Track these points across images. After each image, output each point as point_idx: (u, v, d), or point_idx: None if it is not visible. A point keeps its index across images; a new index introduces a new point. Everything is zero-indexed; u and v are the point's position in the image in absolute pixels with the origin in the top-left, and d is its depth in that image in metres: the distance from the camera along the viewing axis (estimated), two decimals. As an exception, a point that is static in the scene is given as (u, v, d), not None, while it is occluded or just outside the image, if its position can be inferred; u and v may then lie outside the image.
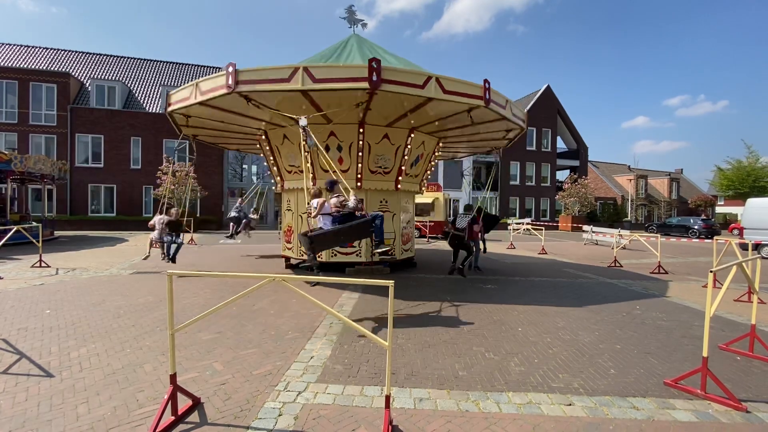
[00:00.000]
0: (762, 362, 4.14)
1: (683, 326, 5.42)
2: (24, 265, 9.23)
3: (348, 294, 6.89)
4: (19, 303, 5.88)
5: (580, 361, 4.06)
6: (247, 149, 13.07)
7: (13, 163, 13.23)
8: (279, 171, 9.64)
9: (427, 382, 3.50)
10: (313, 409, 3.00)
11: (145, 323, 5.00)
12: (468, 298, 6.74)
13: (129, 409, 2.95)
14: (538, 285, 8.19)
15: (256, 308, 5.76)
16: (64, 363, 3.76)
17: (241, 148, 12.92)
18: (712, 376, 3.26)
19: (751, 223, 14.69)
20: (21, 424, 2.72)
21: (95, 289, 6.88)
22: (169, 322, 2.73)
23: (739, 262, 3.60)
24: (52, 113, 22.65)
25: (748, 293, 6.94)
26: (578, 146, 36.99)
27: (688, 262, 12.64)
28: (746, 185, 30.04)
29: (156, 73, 28.08)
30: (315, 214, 6.07)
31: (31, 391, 3.20)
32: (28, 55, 25.96)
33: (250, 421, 2.81)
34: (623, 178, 42.84)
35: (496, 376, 3.66)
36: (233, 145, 12.44)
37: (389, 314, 2.65)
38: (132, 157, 23.92)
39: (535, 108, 33.86)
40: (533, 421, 2.91)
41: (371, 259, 8.95)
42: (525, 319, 5.58)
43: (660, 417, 3.01)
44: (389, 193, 9.34)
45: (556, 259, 12.85)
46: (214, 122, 8.49)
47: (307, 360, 3.93)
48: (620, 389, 3.45)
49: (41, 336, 4.48)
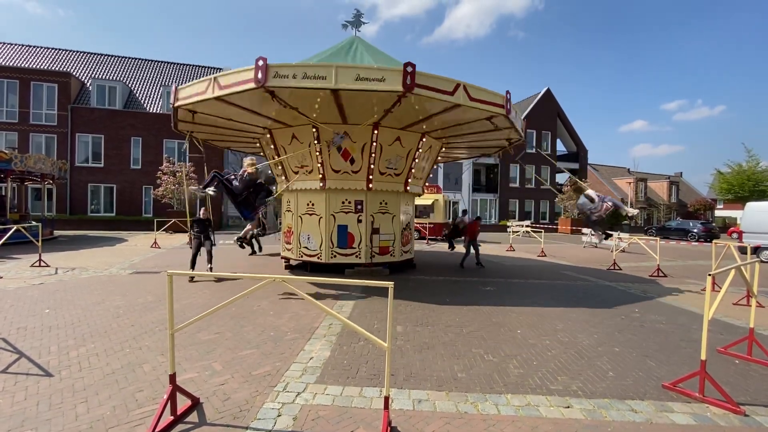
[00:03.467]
0: (760, 366, 4.15)
1: (682, 329, 5.42)
2: (23, 264, 9.23)
3: (348, 295, 6.89)
4: (18, 302, 5.88)
5: (579, 364, 4.07)
6: (244, 149, 13.00)
7: (13, 162, 13.24)
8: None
9: (426, 384, 3.50)
10: (312, 410, 3.00)
11: (145, 323, 5.00)
12: (467, 300, 6.75)
13: (128, 408, 2.95)
14: (537, 287, 8.20)
15: (255, 309, 5.77)
16: (64, 362, 3.76)
17: (238, 147, 12.82)
18: (710, 380, 3.27)
19: (751, 226, 14.71)
20: (20, 423, 2.73)
21: (95, 289, 6.88)
22: (170, 322, 2.74)
23: (738, 266, 3.61)
24: (52, 113, 22.67)
25: (746, 297, 6.94)
26: (578, 149, 37.03)
27: (687, 266, 12.66)
28: (746, 189, 30.03)
29: (157, 73, 28.10)
30: None
31: (30, 390, 3.20)
32: (29, 55, 25.99)
33: (249, 422, 2.81)
34: (623, 181, 42.87)
35: (494, 378, 3.66)
36: (231, 143, 12.33)
37: (389, 315, 2.66)
38: (132, 157, 23.92)
39: (535, 111, 33.92)
40: (532, 423, 2.92)
41: (371, 260, 8.97)
42: (524, 321, 5.59)
43: (658, 420, 3.01)
44: (393, 195, 9.37)
45: (555, 261, 12.86)
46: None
47: (306, 361, 3.93)
48: (619, 392, 3.45)
49: (40, 335, 4.48)
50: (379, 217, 9.13)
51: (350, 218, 8.91)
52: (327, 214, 8.86)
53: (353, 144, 8.45)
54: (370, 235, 8.99)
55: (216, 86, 6.52)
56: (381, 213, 9.15)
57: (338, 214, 8.88)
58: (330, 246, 8.88)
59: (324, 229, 8.88)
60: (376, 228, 9.08)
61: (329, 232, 8.86)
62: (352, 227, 8.91)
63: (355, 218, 8.92)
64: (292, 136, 8.72)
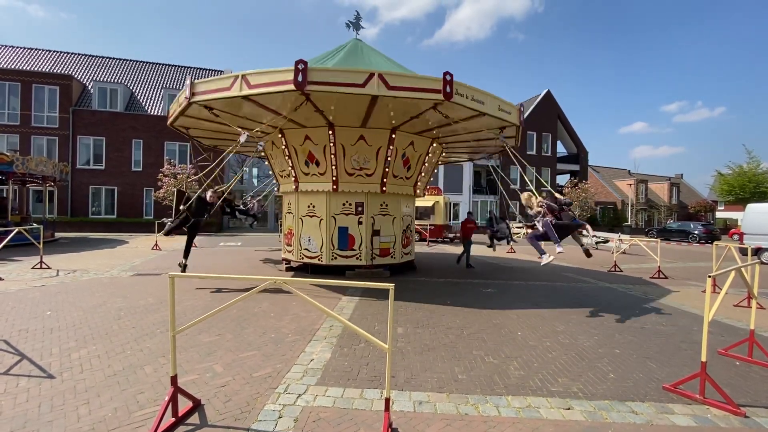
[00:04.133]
0: (761, 367, 4.15)
1: (682, 331, 5.42)
2: (25, 266, 9.25)
3: (348, 297, 6.90)
4: (20, 304, 5.89)
5: (580, 366, 4.07)
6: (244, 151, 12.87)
7: (14, 164, 13.28)
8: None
9: (426, 386, 3.51)
10: (313, 412, 3.01)
11: (146, 325, 5.01)
12: (468, 302, 6.75)
13: (130, 410, 2.96)
14: (537, 289, 8.20)
15: (256, 311, 5.78)
16: (65, 364, 3.77)
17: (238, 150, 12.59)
18: (711, 381, 3.27)
19: (751, 228, 14.70)
20: (22, 425, 2.73)
21: (96, 291, 6.89)
22: (171, 324, 2.75)
23: (738, 267, 3.62)
24: (54, 115, 22.76)
25: (747, 298, 6.94)
26: (578, 150, 37.06)
27: (688, 267, 12.65)
28: (747, 191, 30.01)
29: (158, 75, 28.21)
30: None
31: (32, 392, 3.21)
32: (30, 58, 26.11)
33: (250, 423, 2.82)
34: (623, 182, 42.89)
35: (495, 380, 3.66)
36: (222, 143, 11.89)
37: (389, 317, 2.67)
38: (133, 159, 23.99)
39: (536, 112, 33.96)
40: (532, 425, 2.92)
41: (371, 262, 8.97)
42: (524, 323, 5.59)
43: (659, 422, 3.01)
44: (395, 197, 9.40)
45: (555, 263, 12.82)
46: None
47: (307, 363, 3.94)
48: (619, 394, 3.46)
49: (42, 337, 4.50)
50: (380, 219, 9.14)
51: (351, 220, 8.92)
52: (328, 216, 8.88)
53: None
54: (371, 236, 9.00)
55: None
56: (381, 215, 9.17)
57: (339, 215, 8.90)
58: (331, 248, 8.90)
59: (325, 230, 8.90)
60: (377, 230, 9.09)
61: (330, 234, 8.88)
62: (352, 229, 8.93)
63: (355, 220, 8.94)
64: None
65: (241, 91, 6.47)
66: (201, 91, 7.12)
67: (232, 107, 7.52)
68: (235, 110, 7.73)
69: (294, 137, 8.91)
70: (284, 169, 9.63)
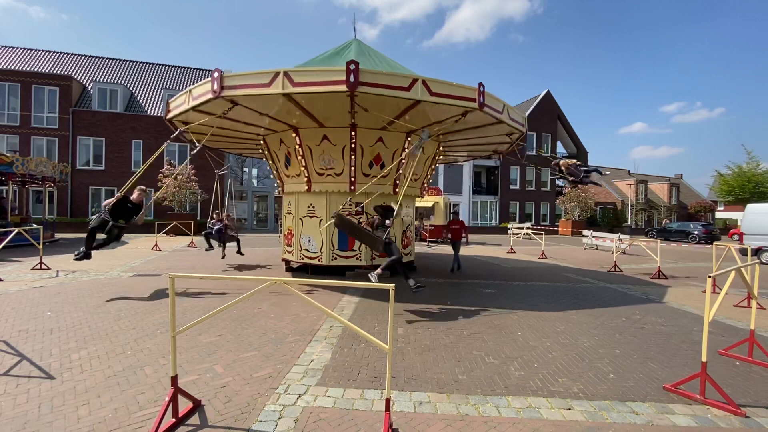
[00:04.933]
0: (761, 367, 4.15)
1: (683, 331, 5.42)
2: (24, 267, 9.24)
3: (348, 297, 6.90)
4: (19, 305, 5.89)
5: (580, 366, 4.07)
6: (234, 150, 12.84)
7: (14, 165, 13.27)
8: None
9: (427, 386, 3.50)
10: (314, 412, 3.01)
11: (146, 326, 5.01)
12: (468, 302, 6.75)
13: (130, 411, 2.96)
14: (537, 289, 8.20)
15: (256, 311, 5.77)
16: (65, 365, 3.76)
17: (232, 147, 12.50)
18: (711, 381, 3.27)
19: (751, 228, 14.71)
20: (22, 426, 2.73)
21: (96, 292, 6.89)
22: (171, 325, 2.75)
23: (738, 267, 3.62)
24: (54, 116, 22.75)
25: (747, 298, 6.94)
26: (578, 151, 37.06)
27: (688, 267, 12.65)
28: (746, 191, 30.04)
29: (158, 76, 28.20)
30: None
31: (32, 392, 3.21)
32: (30, 58, 26.11)
33: (250, 424, 2.82)
34: (623, 183, 42.89)
35: (495, 380, 3.66)
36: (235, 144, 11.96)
37: (389, 318, 2.67)
38: (133, 160, 23.97)
39: (536, 113, 33.98)
40: (533, 425, 2.92)
41: (371, 262, 8.97)
42: (525, 323, 5.59)
43: (659, 422, 3.01)
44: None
45: (556, 263, 12.86)
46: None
47: (307, 363, 3.94)
48: (620, 394, 3.46)
49: (42, 338, 4.49)
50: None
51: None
52: (328, 216, 8.86)
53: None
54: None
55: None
56: (381, 215, 9.14)
57: (339, 216, 8.87)
58: (331, 248, 8.89)
59: (325, 231, 8.89)
60: (377, 230, 9.06)
61: (330, 235, 8.87)
62: (352, 229, 8.91)
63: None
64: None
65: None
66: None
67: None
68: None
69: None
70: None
